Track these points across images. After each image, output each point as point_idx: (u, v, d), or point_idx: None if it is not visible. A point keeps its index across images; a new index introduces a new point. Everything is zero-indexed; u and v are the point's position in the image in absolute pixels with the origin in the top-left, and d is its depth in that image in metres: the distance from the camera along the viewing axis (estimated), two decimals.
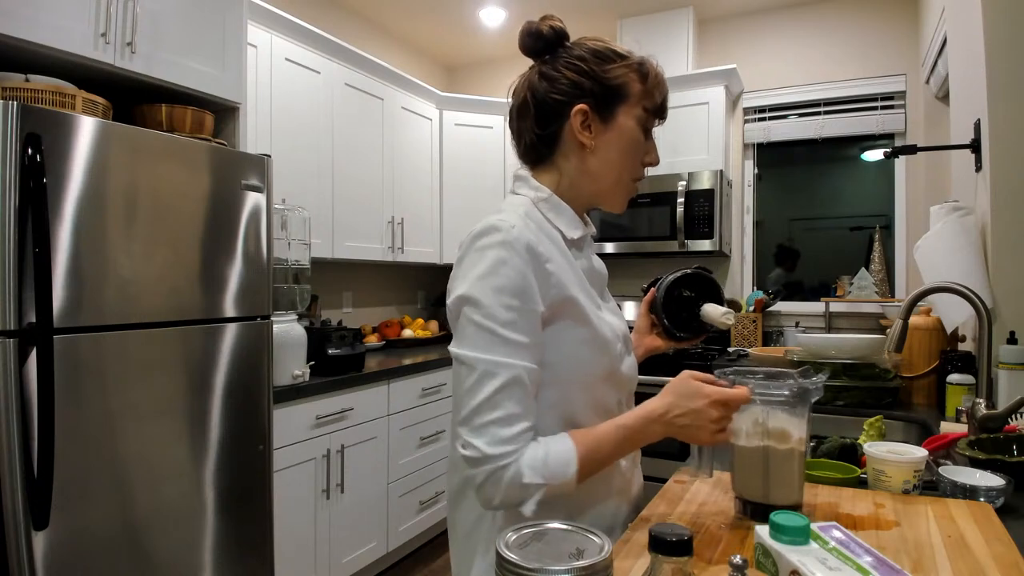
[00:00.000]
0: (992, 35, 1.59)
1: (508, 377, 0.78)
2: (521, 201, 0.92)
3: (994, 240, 1.61)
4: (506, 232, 0.81)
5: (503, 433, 0.77)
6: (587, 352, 0.87)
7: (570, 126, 0.90)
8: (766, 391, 0.86)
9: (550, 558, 0.52)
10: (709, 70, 3.21)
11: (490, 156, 3.74)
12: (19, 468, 1.36)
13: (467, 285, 0.81)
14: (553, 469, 0.78)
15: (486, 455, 0.76)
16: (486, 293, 0.79)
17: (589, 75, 0.89)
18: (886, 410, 1.70)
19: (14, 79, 1.54)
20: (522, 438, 0.78)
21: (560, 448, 0.79)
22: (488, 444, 0.76)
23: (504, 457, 0.76)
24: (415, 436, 2.86)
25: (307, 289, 2.45)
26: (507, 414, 0.77)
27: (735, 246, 3.49)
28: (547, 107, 0.91)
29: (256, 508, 1.94)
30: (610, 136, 0.91)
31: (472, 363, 0.79)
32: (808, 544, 0.67)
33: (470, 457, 0.77)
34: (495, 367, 0.78)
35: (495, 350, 0.78)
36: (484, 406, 0.77)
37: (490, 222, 0.83)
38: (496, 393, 0.77)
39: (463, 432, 0.78)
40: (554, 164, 0.94)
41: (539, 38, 0.92)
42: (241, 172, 1.90)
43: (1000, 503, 0.94)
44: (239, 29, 2.06)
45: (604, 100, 0.90)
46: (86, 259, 1.50)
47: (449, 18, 3.61)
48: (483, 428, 0.77)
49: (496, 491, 0.77)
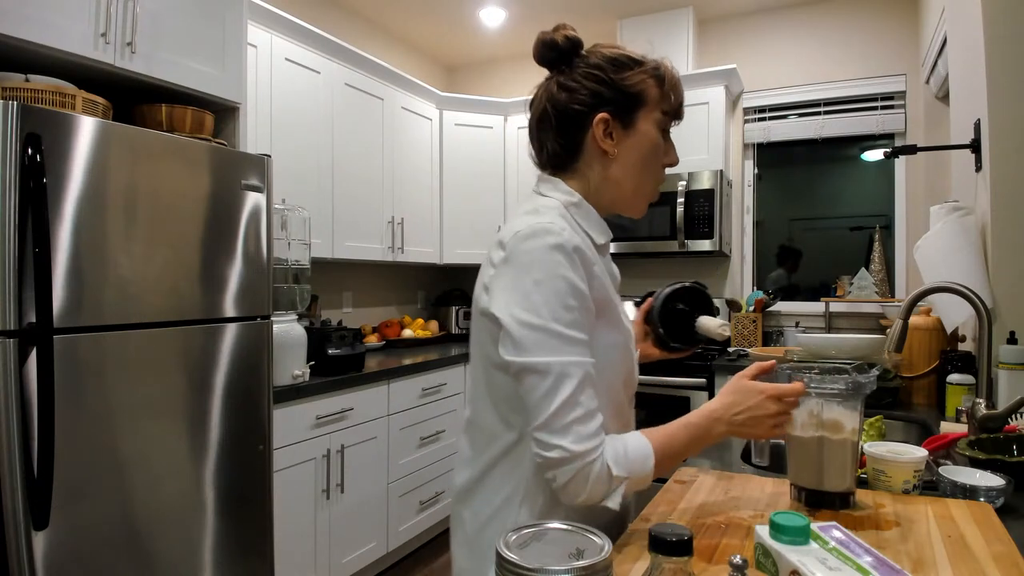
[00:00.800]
0: (992, 35, 1.59)
1: (581, 375, 0.80)
2: (554, 204, 0.92)
3: (994, 240, 1.61)
4: (557, 235, 0.82)
5: (586, 430, 0.79)
6: (617, 356, 0.90)
7: (592, 135, 0.91)
8: (822, 385, 0.91)
9: (550, 558, 0.52)
10: (709, 70, 3.21)
11: (490, 156, 3.74)
12: (19, 468, 1.36)
13: (523, 293, 0.81)
14: (634, 462, 0.81)
15: (574, 453, 0.78)
16: (547, 298, 0.80)
17: (608, 83, 0.90)
18: (886, 410, 1.70)
19: (14, 79, 1.54)
20: (601, 432, 0.81)
21: (637, 443, 0.83)
22: (574, 443, 0.78)
23: (591, 453, 0.78)
24: (415, 436, 2.86)
25: (307, 289, 2.45)
26: (586, 411, 0.80)
27: (735, 246, 3.49)
28: (568, 117, 0.92)
29: (256, 508, 1.94)
30: (631, 142, 0.92)
31: (545, 369, 0.79)
32: (808, 544, 0.67)
33: (557, 459, 0.78)
34: (568, 367, 0.79)
35: (564, 351, 0.80)
36: (564, 407, 0.78)
37: (540, 224, 0.83)
38: (574, 393, 0.79)
39: (544, 436, 0.79)
40: (578, 171, 0.95)
41: (554, 48, 0.93)
42: (241, 172, 1.90)
43: (1000, 503, 0.94)
44: (239, 29, 2.06)
45: (624, 107, 0.91)
46: (86, 259, 1.50)
47: (449, 18, 3.61)
48: (566, 428, 0.78)
49: (583, 487, 0.79)
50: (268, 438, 1.99)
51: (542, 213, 0.88)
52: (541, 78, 0.98)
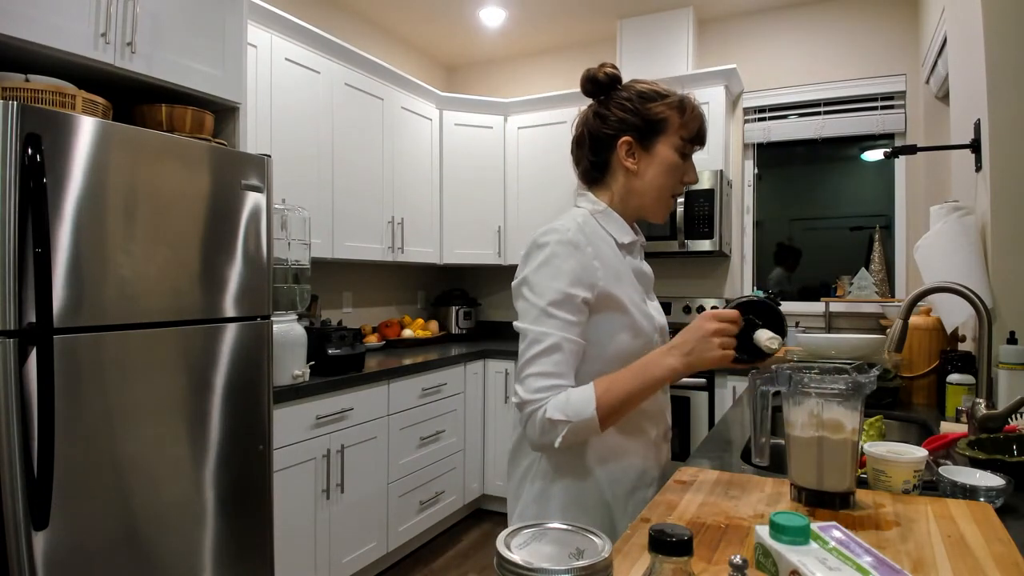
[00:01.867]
0: (992, 35, 1.59)
1: (550, 343, 0.98)
2: (580, 212, 1.12)
3: (994, 240, 1.60)
4: (561, 233, 1.03)
5: (538, 384, 0.97)
6: (627, 336, 1.06)
7: (619, 151, 1.11)
8: (821, 385, 0.92)
9: (550, 558, 0.52)
10: (709, 70, 3.21)
11: (490, 156, 3.74)
12: (19, 468, 1.36)
13: (527, 272, 1.04)
14: (575, 407, 0.95)
15: (523, 400, 0.98)
16: (541, 279, 1.01)
17: (634, 112, 1.09)
18: (886, 410, 1.70)
19: (14, 79, 1.54)
20: (554, 390, 0.97)
21: (582, 391, 0.97)
22: (525, 391, 0.98)
23: (536, 402, 0.97)
24: (415, 436, 2.86)
25: (307, 289, 2.45)
26: (543, 371, 0.98)
27: (735, 246, 3.49)
28: (598, 140, 1.12)
29: (256, 508, 1.94)
30: (651, 161, 1.10)
31: (525, 332, 1.01)
32: (808, 544, 0.67)
33: (516, 403, 1.00)
34: (541, 336, 0.99)
35: (543, 322, 0.99)
36: (528, 364, 0.99)
37: (552, 226, 1.05)
38: (538, 355, 0.98)
39: (515, 385, 1.01)
40: (606, 184, 1.15)
41: (596, 83, 1.12)
42: (241, 172, 1.90)
43: (1000, 503, 0.94)
44: (239, 29, 2.06)
45: (646, 133, 1.09)
46: (86, 259, 1.50)
47: (449, 18, 3.61)
48: (524, 379, 0.99)
49: (533, 430, 0.98)
50: (268, 438, 1.99)
51: (562, 218, 1.08)
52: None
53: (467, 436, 3.28)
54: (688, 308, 3.49)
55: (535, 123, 3.65)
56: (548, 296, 0.99)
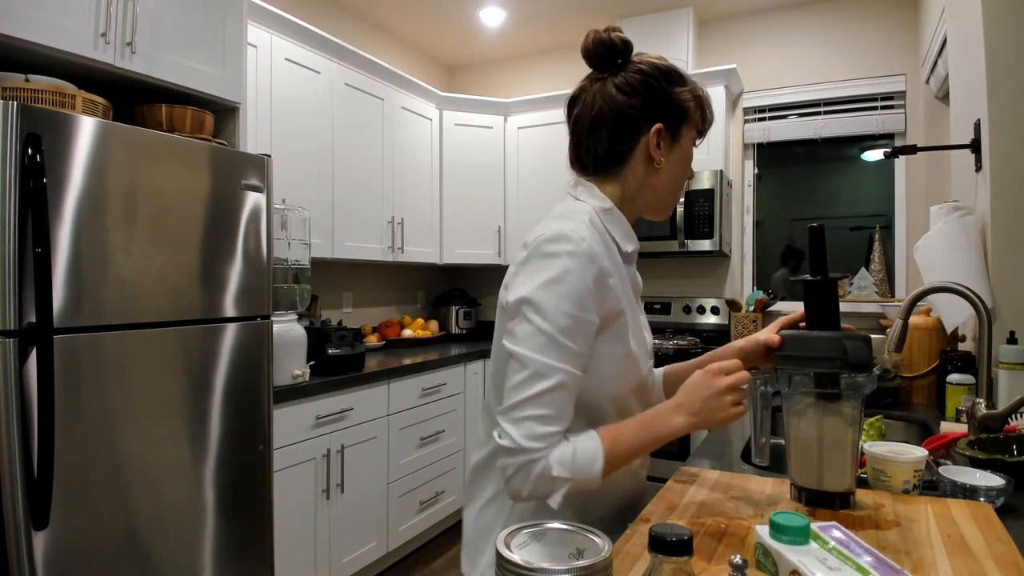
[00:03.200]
0: (992, 35, 1.59)
1: (556, 381, 0.82)
2: (585, 209, 0.94)
3: (994, 240, 1.60)
4: (576, 244, 0.85)
5: (539, 430, 0.81)
6: (623, 367, 0.93)
7: (646, 141, 0.94)
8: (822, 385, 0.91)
9: (550, 558, 0.52)
10: (709, 70, 3.21)
11: (490, 156, 3.74)
12: (19, 468, 1.36)
13: (531, 288, 0.85)
14: (580, 465, 0.82)
15: (520, 447, 0.81)
16: (549, 299, 0.83)
17: (664, 95, 0.94)
18: (886, 410, 1.70)
19: (14, 79, 1.54)
20: (554, 438, 0.82)
21: (588, 446, 0.83)
22: (523, 437, 0.81)
23: (536, 452, 0.81)
24: (415, 436, 2.86)
25: (307, 289, 2.45)
26: (546, 414, 0.82)
27: (735, 246, 3.49)
28: (626, 120, 0.94)
29: (256, 508, 1.94)
30: (675, 154, 0.96)
31: (525, 361, 0.83)
32: (808, 544, 0.67)
33: (505, 446, 0.82)
34: (547, 369, 0.82)
35: (549, 353, 0.83)
36: (528, 402, 0.82)
37: (561, 230, 0.86)
38: (542, 393, 0.82)
39: (502, 421, 0.83)
40: (619, 176, 0.97)
41: (611, 48, 0.95)
42: (241, 172, 1.90)
43: (1000, 503, 0.94)
44: (239, 29, 2.06)
45: (675, 121, 0.95)
46: (86, 259, 1.50)
47: (449, 18, 3.60)
48: (522, 422, 0.81)
49: (525, 483, 0.81)
50: (268, 438, 1.99)
51: (570, 218, 0.90)
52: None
53: (467, 436, 3.28)
54: (688, 308, 3.49)
55: (535, 123, 3.65)
56: (559, 321, 0.83)
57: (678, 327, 3.49)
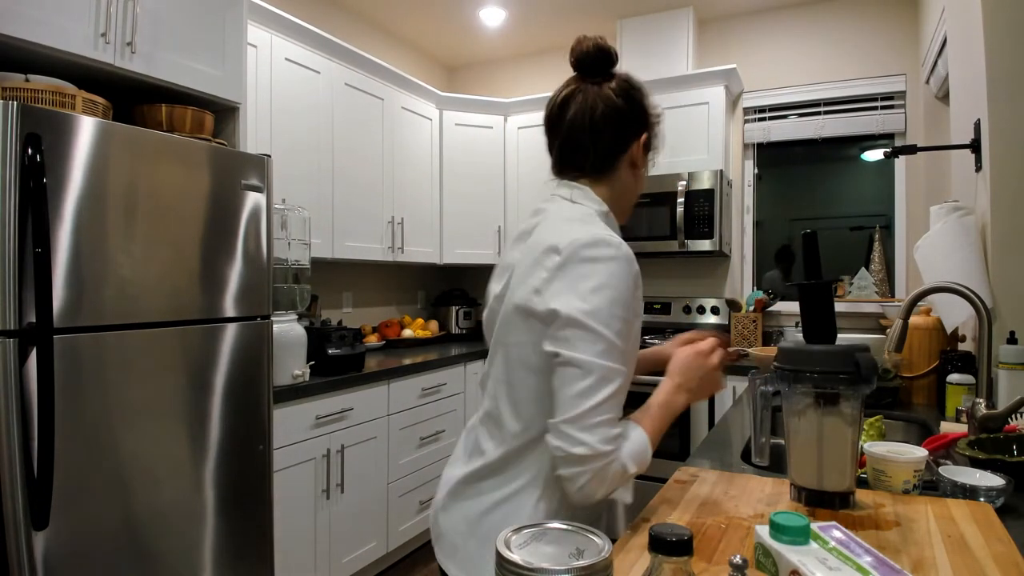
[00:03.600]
0: (992, 35, 1.59)
1: (619, 384, 0.85)
2: (591, 212, 0.96)
3: (994, 240, 1.61)
4: (616, 248, 0.88)
5: (611, 432, 0.84)
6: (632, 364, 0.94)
7: (638, 145, 1.00)
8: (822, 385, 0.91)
9: (550, 558, 0.53)
10: (709, 70, 3.21)
11: (490, 156, 3.74)
12: (19, 468, 1.36)
13: (582, 295, 0.85)
14: (641, 455, 0.87)
15: (599, 452, 0.82)
16: (602, 304, 0.84)
17: (647, 106, 1.01)
18: (886, 410, 1.70)
19: (14, 79, 1.54)
20: (621, 437, 0.86)
21: (638, 437, 0.89)
22: (600, 442, 0.82)
23: (612, 453, 0.83)
24: (415, 436, 2.86)
25: (307, 289, 2.45)
26: (614, 416, 0.85)
27: (735, 246, 3.49)
28: (624, 125, 0.98)
29: (256, 508, 1.94)
30: (645, 161, 1.04)
31: (589, 367, 0.83)
32: (808, 544, 0.67)
33: (580, 455, 0.82)
34: (612, 373, 0.84)
35: (611, 357, 0.84)
36: (598, 408, 0.83)
37: (598, 235, 0.88)
38: (610, 397, 0.84)
39: (571, 430, 0.82)
40: (608, 179, 1.01)
41: (607, 56, 0.99)
42: (241, 172, 1.90)
43: (1000, 503, 0.94)
44: (239, 29, 2.06)
45: (650, 131, 1.02)
46: (86, 259, 1.50)
47: (449, 18, 3.60)
48: (596, 427, 0.82)
49: (602, 484, 0.84)
50: (268, 438, 1.99)
51: (587, 222, 0.92)
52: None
53: None
54: (688, 308, 3.49)
55: (535, 123, 3.65)
56: (614, 325, 0.84)
57: (678, 327, 3.49)
